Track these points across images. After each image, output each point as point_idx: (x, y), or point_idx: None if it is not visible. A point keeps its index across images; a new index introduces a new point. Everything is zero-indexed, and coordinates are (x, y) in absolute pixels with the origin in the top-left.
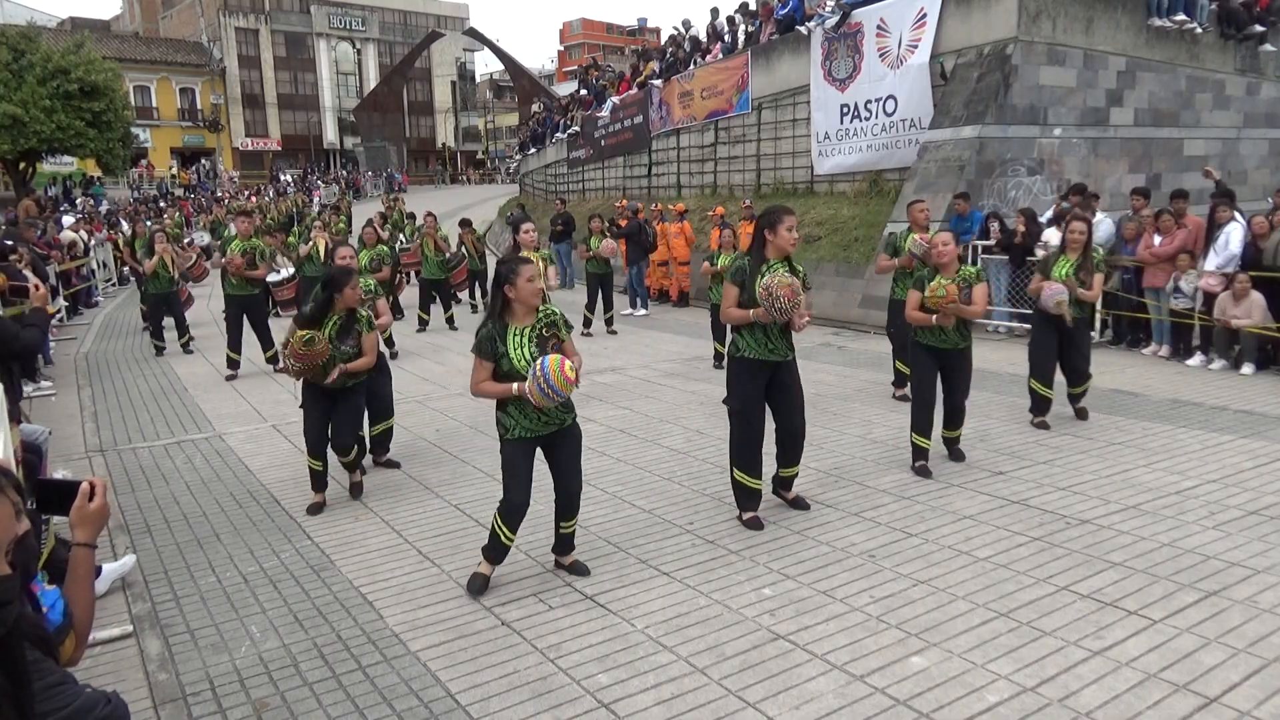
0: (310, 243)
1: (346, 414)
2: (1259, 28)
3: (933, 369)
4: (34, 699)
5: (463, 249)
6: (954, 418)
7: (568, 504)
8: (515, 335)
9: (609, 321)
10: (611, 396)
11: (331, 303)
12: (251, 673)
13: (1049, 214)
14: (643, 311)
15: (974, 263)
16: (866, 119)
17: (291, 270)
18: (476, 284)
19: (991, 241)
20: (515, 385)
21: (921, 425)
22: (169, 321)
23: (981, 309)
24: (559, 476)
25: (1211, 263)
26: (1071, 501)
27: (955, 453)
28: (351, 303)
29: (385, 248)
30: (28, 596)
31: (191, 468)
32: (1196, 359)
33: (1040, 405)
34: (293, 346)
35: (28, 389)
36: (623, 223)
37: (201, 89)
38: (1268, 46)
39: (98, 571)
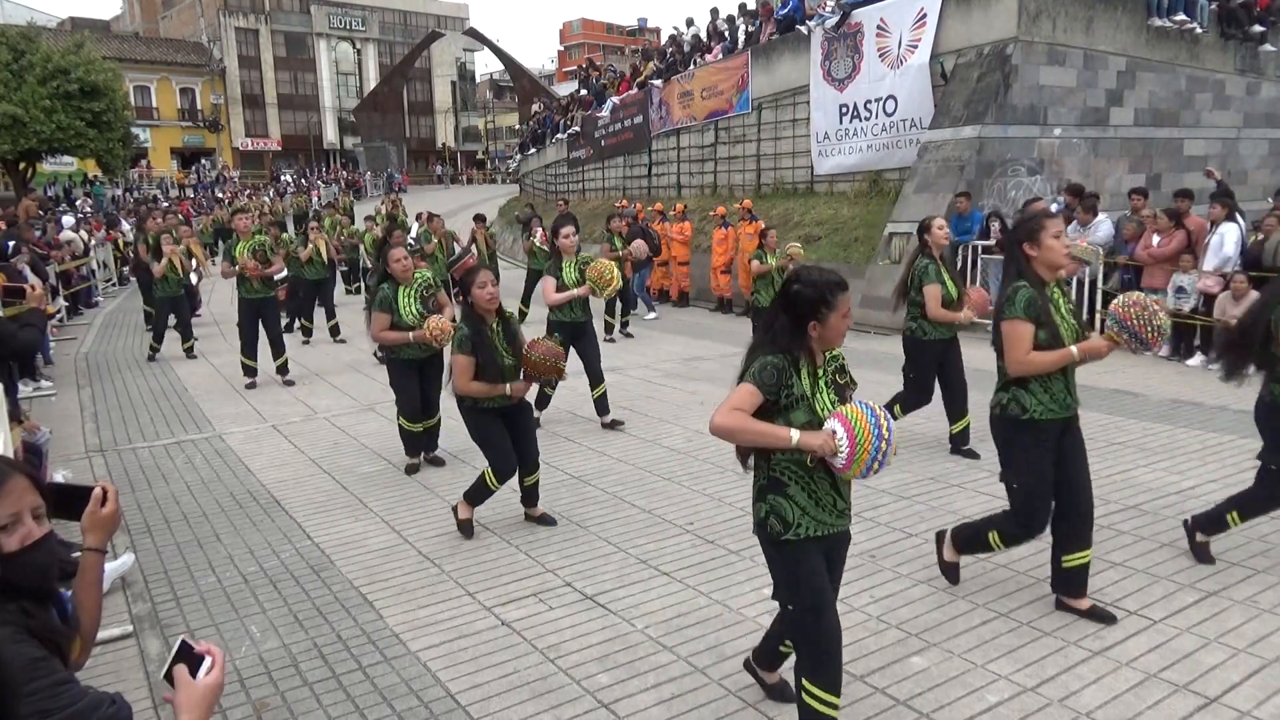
0: (310, 245)
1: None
2: (1259, 28)
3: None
4: (19, 700)
5: (473, 245)
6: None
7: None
8: (811, 378)
9: (624, 325)
10: (611, 396)
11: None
12: (251, 673)
13: None
14: (652, 315)
15: (974, 263)
16: (866, 119)
17: (284, 271)
18: None
19: (991, 241)
20: (796, 434)
21: None
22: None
23: None
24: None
25: (1208, 263)
26: None
27: None
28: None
29: (412, 243)
30: (54, 600)
31: (191, 468)
32: (1196, 359)
33: None
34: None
35: (26, 389)
36: (625, 227)
37: (201, 89)
38: (1268, 46)
39: None
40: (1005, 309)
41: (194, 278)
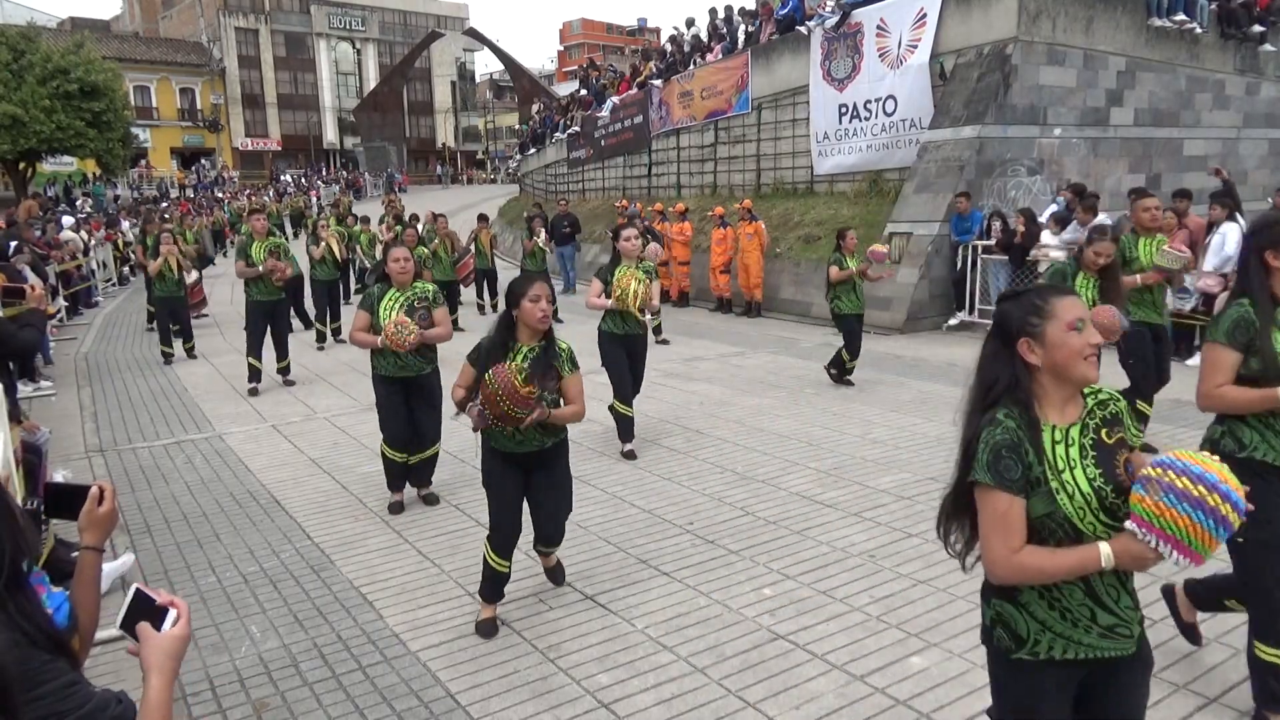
0: (322, 244)
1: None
2: (1259, 28)
3: None
4: (22, 703)
5: (473, 244)
6: None
7: None
8: (1060, 444)
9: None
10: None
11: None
12: (251, 673)
13: (1048, 213)
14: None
15: (974, 264)
16: (866, 119)
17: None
18: (485, 284)
19: (992, 241)
20: (1108, 552)
21: None
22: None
23: None
24: None
25: (1208, 263)
26: None
27: None
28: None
29: (424, 248)
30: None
31: (191, 468)
32: (1196, 359)
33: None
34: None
35: (26, 389)
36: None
37: (201, 89)
38: (1268, 46)
39: None
40: (1210, 329)
41: (190, 277)
